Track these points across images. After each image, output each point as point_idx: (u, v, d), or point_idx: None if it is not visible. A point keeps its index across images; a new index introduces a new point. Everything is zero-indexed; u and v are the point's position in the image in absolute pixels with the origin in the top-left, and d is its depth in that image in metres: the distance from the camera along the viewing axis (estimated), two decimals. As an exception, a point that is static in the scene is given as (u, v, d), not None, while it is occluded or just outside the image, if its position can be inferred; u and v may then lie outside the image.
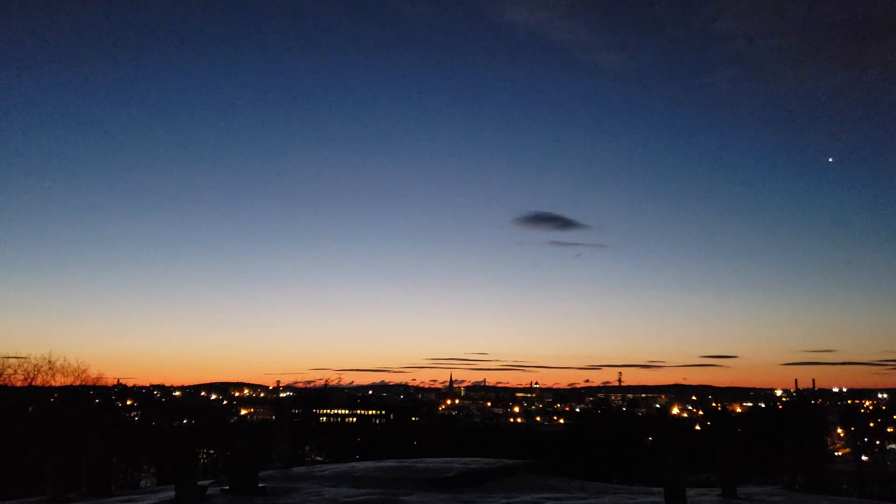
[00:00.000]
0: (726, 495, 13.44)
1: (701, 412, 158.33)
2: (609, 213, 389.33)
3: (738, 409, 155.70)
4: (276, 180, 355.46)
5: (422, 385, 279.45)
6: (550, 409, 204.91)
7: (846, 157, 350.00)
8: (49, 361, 39.16)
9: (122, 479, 40.91)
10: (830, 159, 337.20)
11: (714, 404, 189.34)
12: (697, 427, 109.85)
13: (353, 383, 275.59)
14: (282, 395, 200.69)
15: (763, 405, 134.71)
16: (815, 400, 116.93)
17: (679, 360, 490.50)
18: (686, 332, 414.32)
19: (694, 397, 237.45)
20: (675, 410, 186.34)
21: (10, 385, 38.43)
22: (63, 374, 40.02)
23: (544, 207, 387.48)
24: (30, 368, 38.60)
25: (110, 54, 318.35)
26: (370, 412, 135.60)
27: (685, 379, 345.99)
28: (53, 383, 40.49)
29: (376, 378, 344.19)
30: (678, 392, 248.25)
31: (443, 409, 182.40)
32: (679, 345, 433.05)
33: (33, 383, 38.85)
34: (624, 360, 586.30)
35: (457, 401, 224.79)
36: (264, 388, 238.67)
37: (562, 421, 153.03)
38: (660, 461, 12.36)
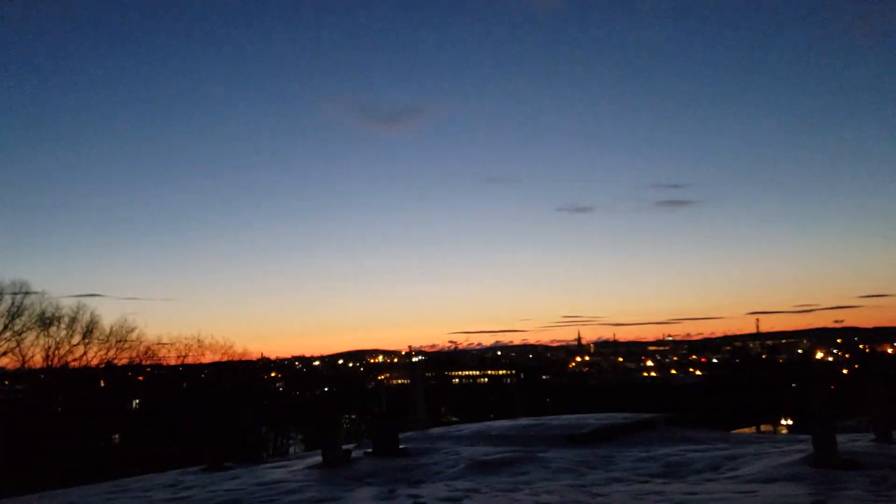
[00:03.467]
0: (880, 439, 12.74)
1: (848, 355, 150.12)
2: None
3: (890, 350, 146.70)
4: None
5: (549, 344, 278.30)
6: (685, 362, 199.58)
7: None
8: (198, 340, 42.23)
9: (272, 447, 43.20)
10: None
11: (861, 346, 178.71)
12: (845, 371, 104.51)
13: (480, 345, 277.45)
14: (414, 359, 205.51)
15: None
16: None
17: (822, 303, 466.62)
18: (833, 272, 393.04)
19: (839, 340, 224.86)
20: (819, 355, 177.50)
21: (164, 364, 41.65)
22: (212, 351, 42.94)
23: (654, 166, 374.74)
24: (181, 348, 41.64)
25: (140, 36, 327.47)
26: (500, 372, 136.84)
27: (830, 322, 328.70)
28: (203, 360, 43.46)
29: (503, 339, 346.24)
30: (821, 336, 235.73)
31: (572, 366, 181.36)
32: (825, 287, 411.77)
33: (185, 361, 41.89)
34: (760, 306, 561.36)
35: (586, 357, 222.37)
36: (397, 353, 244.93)
37: (698, 373, 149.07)
38: (805, 408, 11.86)
